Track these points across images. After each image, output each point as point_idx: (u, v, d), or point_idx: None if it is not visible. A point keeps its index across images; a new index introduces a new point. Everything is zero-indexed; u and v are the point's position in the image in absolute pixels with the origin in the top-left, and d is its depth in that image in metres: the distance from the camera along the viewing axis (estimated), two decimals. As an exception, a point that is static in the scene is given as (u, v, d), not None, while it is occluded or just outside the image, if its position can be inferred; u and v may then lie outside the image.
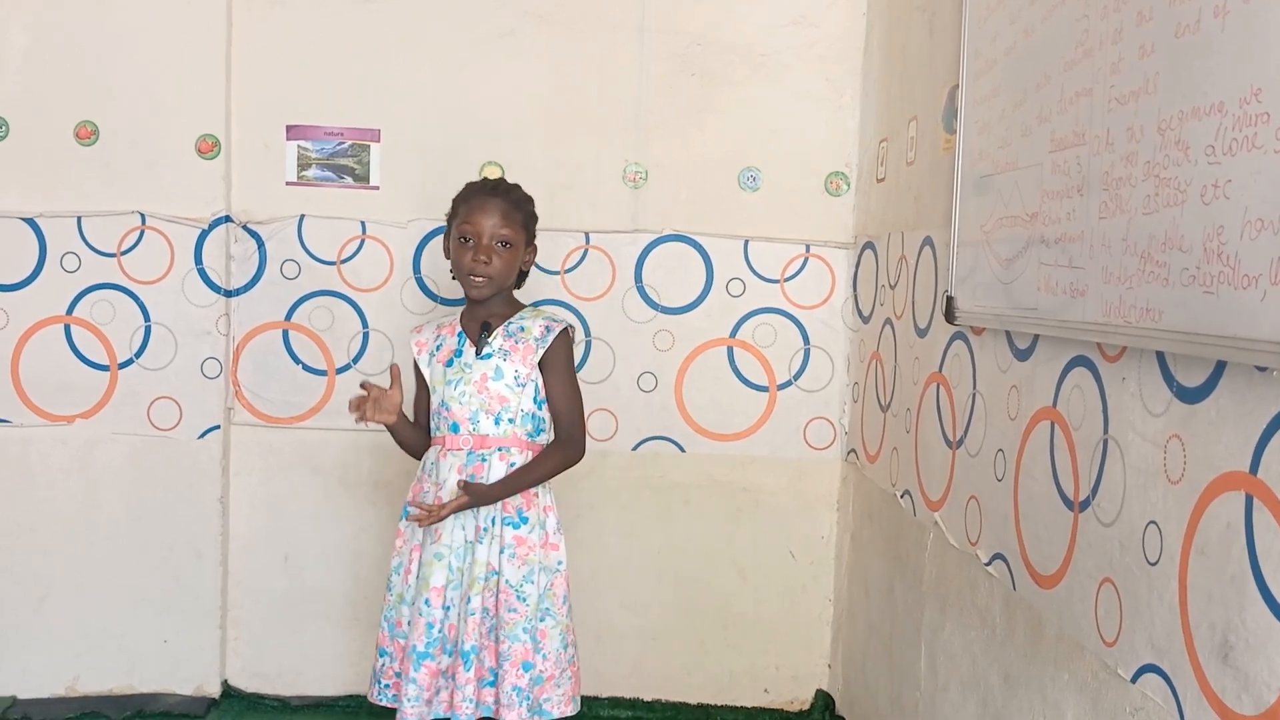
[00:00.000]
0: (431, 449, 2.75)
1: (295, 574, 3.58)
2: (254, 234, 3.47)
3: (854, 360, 3.48)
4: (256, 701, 3.55)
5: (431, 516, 2.60)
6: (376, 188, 3.48)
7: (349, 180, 3.46)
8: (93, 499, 3.47)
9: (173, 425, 3.46)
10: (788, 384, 3.55)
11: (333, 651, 3.59)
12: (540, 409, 2.73)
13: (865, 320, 3.37)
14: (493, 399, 2.68)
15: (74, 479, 3.46)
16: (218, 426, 3.49)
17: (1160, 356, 1.68)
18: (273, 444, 3.54)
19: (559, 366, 2.73)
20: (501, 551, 2.65)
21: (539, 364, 2.71)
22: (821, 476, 3.57)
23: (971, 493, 2.43)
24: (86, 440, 3.46)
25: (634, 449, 3.55)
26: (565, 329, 2.75)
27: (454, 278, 2.78)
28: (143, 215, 3.42)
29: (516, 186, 2.77)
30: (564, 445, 2.74)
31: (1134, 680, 1.71)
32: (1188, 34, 1.53)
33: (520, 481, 2.67)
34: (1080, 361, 1.96)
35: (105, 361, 3.45)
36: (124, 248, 3.42)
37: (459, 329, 2.77)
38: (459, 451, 2.67)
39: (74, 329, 3.43)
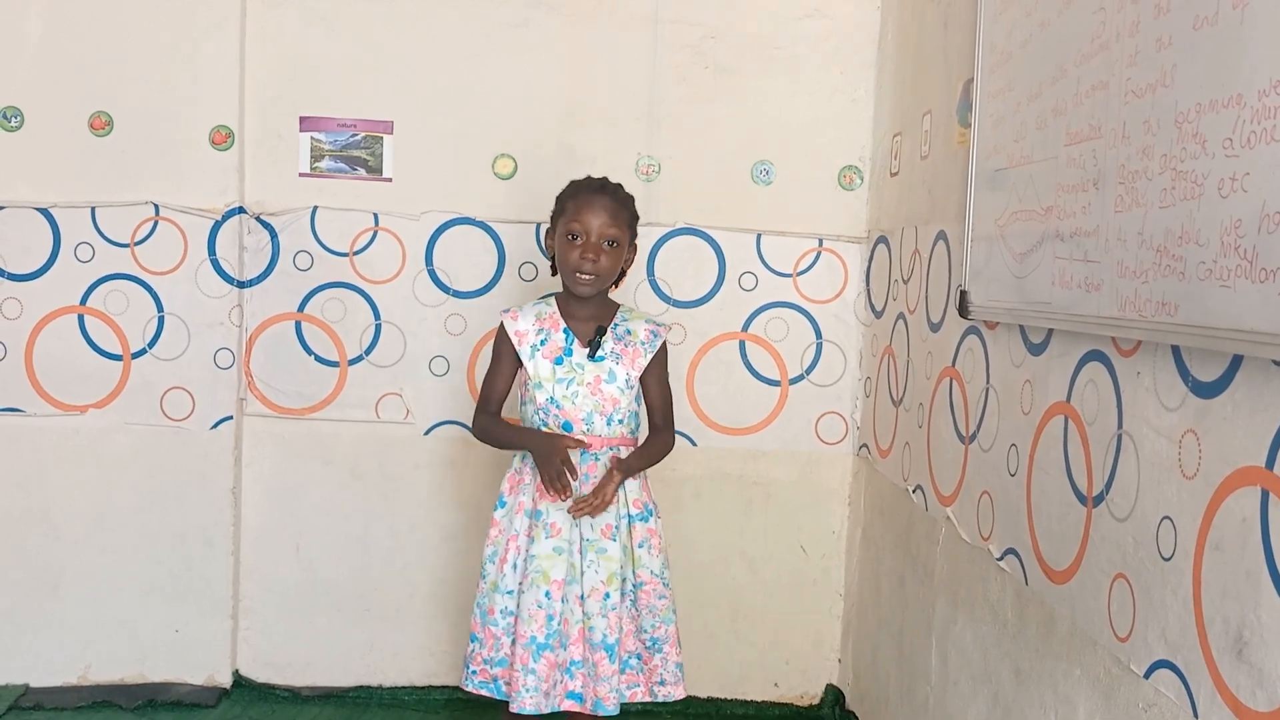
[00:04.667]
0: None
1: (307, 565, 3.58)
2: (267, 225, 3.47)
3: (866, 355, 3.47)
4: (268, 691, 3.56)
5: (597, 503, 2.68)
6: (389, 179, 3.48)
7: (362, 172, 3.47)
8: (105, 488, 3.47)
9: (185, 415, 3.47)
10: (799, 378, 3.55)
11: (344, 642, 3.59)
12: (639, 406, 2.83)
13: (878, 315, 3.36)
14: (606, 400, 2.74)
15: (86, 468, 3.47)
16: (230, 417, 3.49)
17: (1175, 351, 1.67)
18: (285, 435, 3.54)
19: (661, 371, 2.84)
20: (640, 546, 2.76)
21: (644, 368, 2.79)
22: (833, 471, 3.56)
23: (984, 488, 2.43)
24: (99, 430, 3.47)
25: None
26: (668, 333, 2.87)
27: (554, 274, 2.82)
28: (156, 206, 3.42)
29: (620, 186, 2.80)
30: (664, 433, 2.85)
31: (1147, 676, 1.70)
32: (1206, 26, 1.52)
33: (648, 457, 2.80)
34: (1095, 356, 1.95)
35: (119, 351, 3.45)
36: (138, 238, 3.43)
37: (563, 324, 2.79)
38: (572, 450, 2.71)
39: (87, 319, 3.44)
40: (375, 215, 3.47)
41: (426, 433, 3.55)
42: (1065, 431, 2.05)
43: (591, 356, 2.75)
